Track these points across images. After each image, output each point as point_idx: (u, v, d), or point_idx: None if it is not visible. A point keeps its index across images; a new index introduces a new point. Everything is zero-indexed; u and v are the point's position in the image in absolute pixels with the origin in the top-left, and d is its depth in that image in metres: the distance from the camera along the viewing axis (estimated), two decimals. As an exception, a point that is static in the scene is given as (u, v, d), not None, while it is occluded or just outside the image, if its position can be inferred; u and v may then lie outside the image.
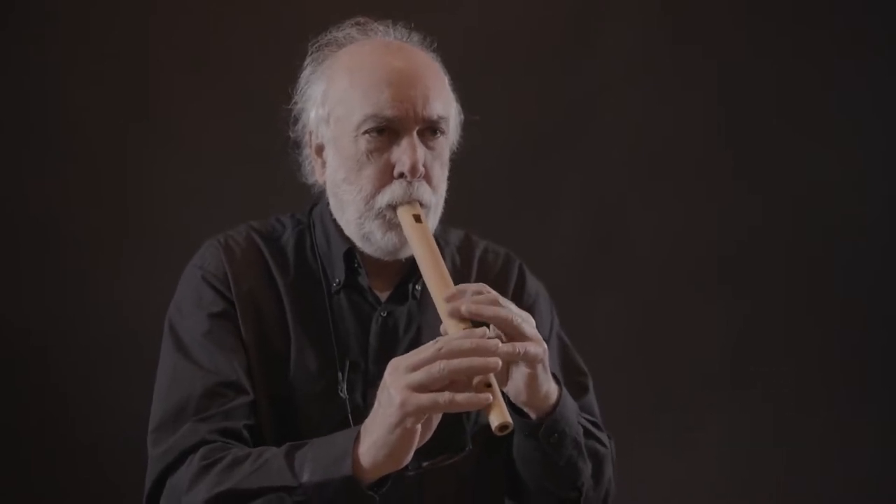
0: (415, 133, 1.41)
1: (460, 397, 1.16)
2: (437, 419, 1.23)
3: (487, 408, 1.17)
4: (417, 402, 1.16)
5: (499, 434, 1.16)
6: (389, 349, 1.47)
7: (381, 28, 1.52)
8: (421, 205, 1.42)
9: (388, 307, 1.50)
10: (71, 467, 2.39)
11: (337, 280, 1.50)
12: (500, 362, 1.18)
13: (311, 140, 1.52)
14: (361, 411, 1.34)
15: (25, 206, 2.39)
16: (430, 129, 1.43)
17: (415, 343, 1.46)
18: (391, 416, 1.18)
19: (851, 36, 2.71)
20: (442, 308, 1.26)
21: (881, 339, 2.75)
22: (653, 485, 2.60)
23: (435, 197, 1.44)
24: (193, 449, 1.33)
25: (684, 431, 2.70)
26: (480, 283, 1.29)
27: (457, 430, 1.46)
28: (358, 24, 1.52)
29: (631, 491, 1.86)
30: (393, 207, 1.42)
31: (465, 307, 1.23)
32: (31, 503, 2.40)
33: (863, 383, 2.75)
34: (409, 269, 1.48)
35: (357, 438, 1.24)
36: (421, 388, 1.17)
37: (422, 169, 1.41)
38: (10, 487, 2.36)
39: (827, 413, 2.72)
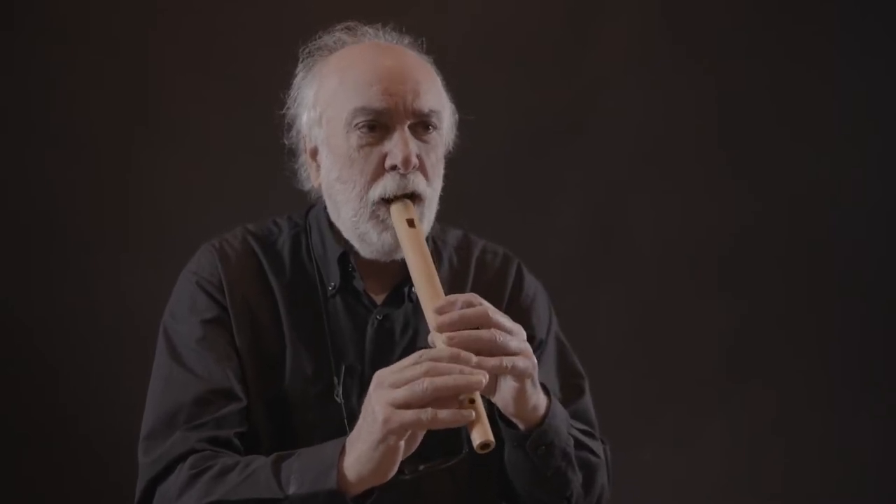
0: (406, 127, 1.40)
1: (443, 414, 1.15)
2: (421, 434, 1.23)
3: (470, 424, 1.16)
4: (401, 420, 1.16)
5: (480, 452, 1.16)
6: (386, 353, 1.47)
7: (370, 31, 1.51)
8: (416, 196, 1.41)
9: (383, 310, 1.49)
10: (73, 465, 2.40)
11: (332, 284, 1.50)
12: (485, 381, 1.17)
13: (305, 144, 1.51)
14: (357, 415, 1.34)
15: (28, 205, 2.40)
16: (422, 125, 1.42)
17: (411, 346, 1.47)
18: (374, 432, 1.18)
19: (850, 35, 2.71)
20: (430, 318, 1.25)
21: (881, 334, 2.75)
22: (654, 480, 2.61)
23: (430, 189, 1.43)
24: (183, 458, 1.33)
25: (685, 427, 2.70)
26: (471, 294, 1.27)
27: (453, 433, 1.43)
28: (348, 28, 1.52)
29: (631, 487, 1.86)
30: (386, 203, 1.41)
31: (447, 336, 1.21)
32: (32, 499, 2.41)
33: (863, 379, 2.75)
34: (405, 273, 1.45)
35: (342, 451, 1.24)
36: (404, 405, 1.16)
37: (415, 161, 1.39)
38: (10, 484, 2.37)
39: (828, 408, 2.73)
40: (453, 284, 1.54)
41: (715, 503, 2.71)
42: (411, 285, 1.47)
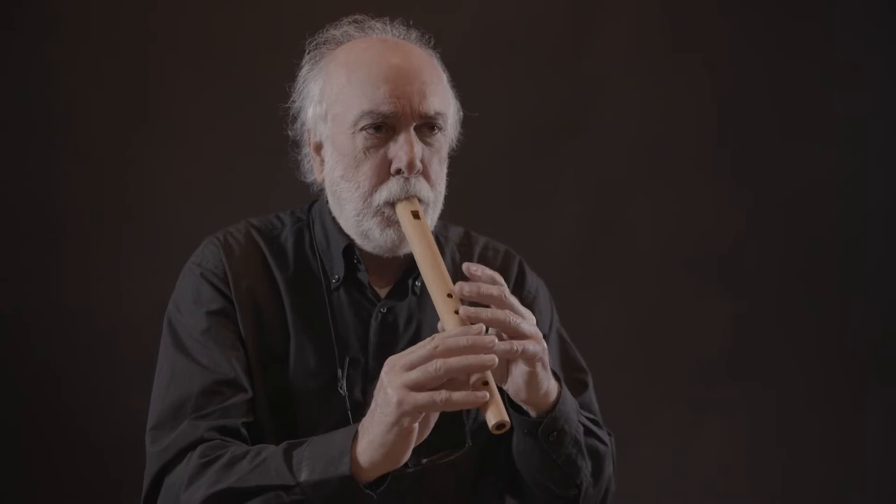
0: (412, 129, 1.40)
1: (457, 396, 1.16)
2: (434, 418, 1.23)
3: (484, 406, 1.16)
4: (414, 401, 1.16)
5: (496, 433, 1.16)
6: (389, 345, 1.47)
7: (378, 25, 1.51)
8: (419, 201, 1.41)
9: (387, 303, 1.50)
10: (73, 463, 2.40)
11: (336, 276, 1.50)
12: (497, 360, 1.18)
13: (309, 138, 1.51)
14: (361, 407, 1.34)
15: (28, 205, 2.40)
16: (427, 126, 1.42)
17: (415, 339, 1.47)
18: (388, 415, 1.18)
19: (849, 34, 2.72)
20: (439, 304, 1.26)
21: (880, 334, 2.75)
22: (653, 479, 2.61)
23: (433, 193, 1.43)
24: (192, 447, 1.33)
25: (685, 425, 2.71)
26: (495, 273, 1.27)
27: (457, 427, 1.46)
28: (356, 21, 1.51)
29: (632, 484, 1.86)
30: (391, 204, 1.41)
31: (462, 311, 1.22)
32: (32, 499, 2.40)
33: (862, 377, 2.76)
34: (409, 265, 1.47)
35: (355, 437, 1.23)
36: (418, 386, 1.16)
37: (419, 165, 1.40)
38: (11, 483, 2.37)
39: (827, 406, 2.73)
40: (456, 280, 1.53)
41: (714, 502, 2.71)
42: (415, 278, 1.49)
